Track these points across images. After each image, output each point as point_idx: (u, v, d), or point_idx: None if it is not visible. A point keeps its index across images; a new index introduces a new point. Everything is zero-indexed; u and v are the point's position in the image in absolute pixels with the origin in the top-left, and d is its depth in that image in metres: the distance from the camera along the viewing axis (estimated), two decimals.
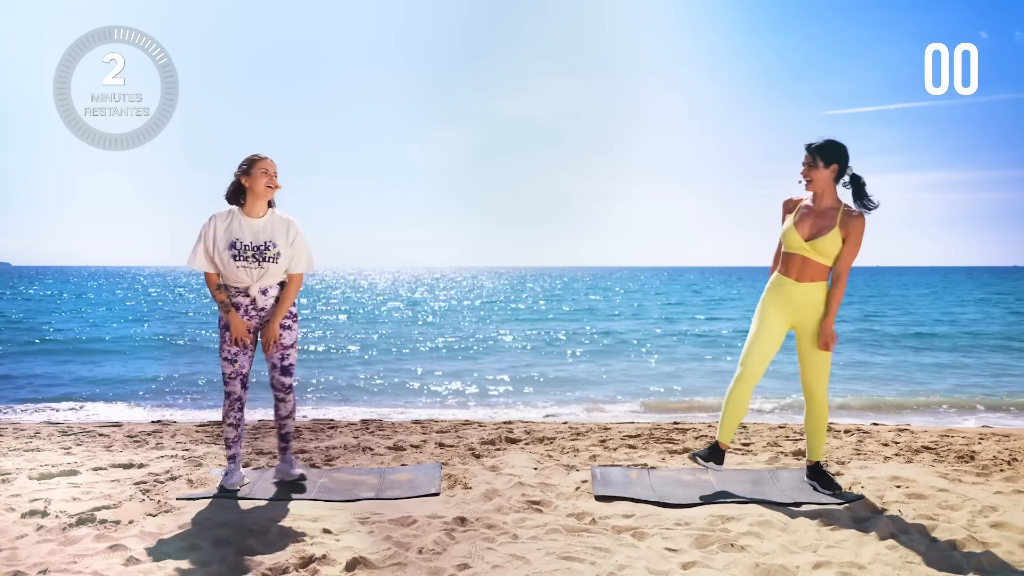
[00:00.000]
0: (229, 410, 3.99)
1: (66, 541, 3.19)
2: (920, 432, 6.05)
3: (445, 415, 8.22)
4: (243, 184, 3.85)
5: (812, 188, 3.81)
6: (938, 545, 3.14)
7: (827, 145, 3.76)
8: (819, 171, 3.76)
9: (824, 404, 3.95)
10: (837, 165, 3.76)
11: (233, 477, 4.00)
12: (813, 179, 3.78)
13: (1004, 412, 8.82)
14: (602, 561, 3.00)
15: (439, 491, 4.01)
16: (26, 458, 4.79)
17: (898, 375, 12.23)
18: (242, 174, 3.85)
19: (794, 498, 3.85)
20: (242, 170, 3.85)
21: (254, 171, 3.83)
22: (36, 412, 8.56)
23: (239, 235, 3.83)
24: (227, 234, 3.84)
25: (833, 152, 3.75)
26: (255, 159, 3.86)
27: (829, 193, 3.81)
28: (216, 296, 3.89)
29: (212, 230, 3.84)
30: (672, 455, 4.94)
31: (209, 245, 3.83)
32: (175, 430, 6.16)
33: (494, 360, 14.37)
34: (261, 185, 3.83)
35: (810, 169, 3.78)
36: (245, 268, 3.82)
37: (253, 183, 3.83)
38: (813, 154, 3.76)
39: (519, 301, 39.27)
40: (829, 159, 3.74)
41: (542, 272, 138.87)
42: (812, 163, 3.77)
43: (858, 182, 3.80)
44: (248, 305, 3.91)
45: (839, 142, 3.77)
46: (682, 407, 9.07)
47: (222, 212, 3.89)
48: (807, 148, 3.79)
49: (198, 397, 9.91)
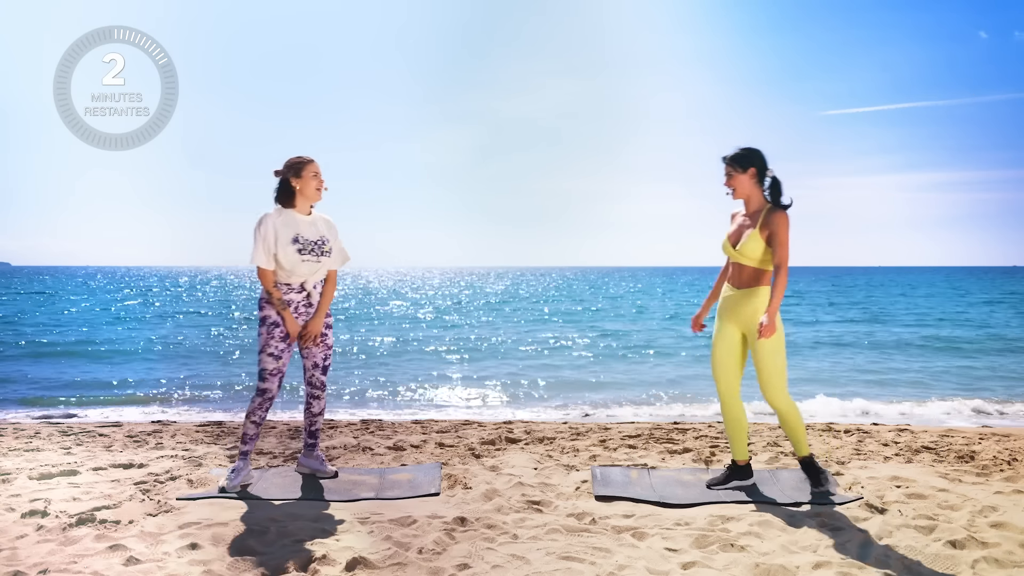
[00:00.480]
0: (258, 408, 4.00)
1: (66, 541, 3.19)
2: (920, 432, 6.06)
3: (445, 415, 8.23)
4: (292, 185, 3.94)
5: (738, 196, 3.91)
6: (938, 545, 3.13)
7: (741, 152, 3.86)
8: (738, 178, 3.86)
9: (789, 406, 3.87)
10: (754, 168, 3.84)
11: (241, 475, 4.01)
12: (735, 187, 3.88)
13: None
14: (602, 561, 3.00)
15: (439, 491, 4.01)
16: (26, 458, 4.79)
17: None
18: (293, 176, 3.92)
19: (794, 498, 3.85)
20: (292, 172, 3.93)
21: (305, 173, 3.92)
22: (36, 411, 8.56)
23: (299, 231, 3.94)
24: (288, 230, 3.91)
25: (748, 157, 3.85)
26: (305, 162, 3.94)
27: (755, 197, 3.88)
28: (273, 293, 3.92)
29: (272, 228, 3.89)
30: (672, 455, 4.94)
31: (271, 242, 3.88)
32: (175, 430, 6.15)
33: (494, 360, 14.37)
34: (312, 188, 3.95)
35: (729, 178, 3.88)
36: (307, 262, 3.95)
37: (304, 185, 3.93)
38: (730, 163, 3.88)
39: (519, 301, 39.28)
40: (745, 164, 3.84)
41: (541, 272, 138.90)
42: (730, 172, 3.87)
43: (776, 184, 3.87)
44: (300, 302, 4.01)
45: (753, 148, 3.86)
46: (682, 407, 9.07)
47: (273, 211, 3.96)
48: (723, 160, 3.91)
49: (198, 397, 9.91)
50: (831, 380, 11.37)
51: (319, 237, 4.01)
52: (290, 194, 3.96)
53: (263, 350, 3.96)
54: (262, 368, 3.98)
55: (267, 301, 3.95)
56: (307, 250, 3.95)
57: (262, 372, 3.98)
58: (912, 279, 78.71)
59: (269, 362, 3.96)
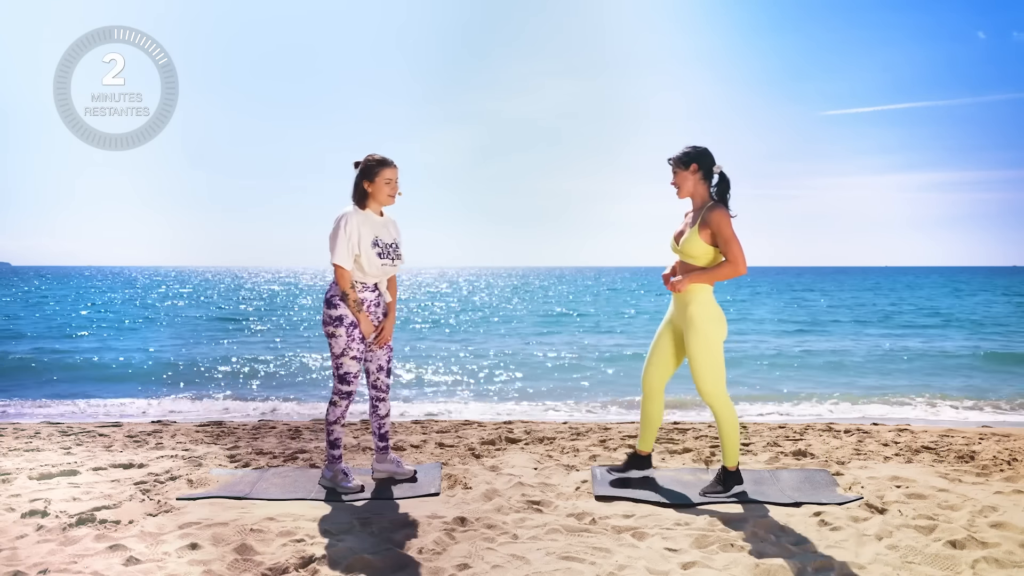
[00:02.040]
0: (343, 412, 3.97)
1: (66, 541, 3.19)
2: (920, 432, 6.06)
3: (445, 415, 8.22)
4: (365, 188, 3.89)
5: (682, 195, 3.92)
6: (938, 545, 3.13)
7: (685, 151, 3.88)
8: (682, 176, 3.87)
9: (723, 406, 3.84)
10: (697, 164, 3.85)
11: (351, 475, 4.01)
12: (679, 185, 3.89)
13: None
14: (602, 561, 3.00)
15: (439, 491, 4.01)
16: (26, 458, 4.79)
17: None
18: (366, 180, 3.88)
19: (794, 498, 3.85)
20: (365, 175, 3.88)
21: (378, 179, 3.88)
22: (37, 411, 8.56)
23: (377, 233, 3.91)
24: (368, 232, 3.87)
25: (690, 155, 3.86)
26: (380, 167, 3.87)
27: (699, 195, 3.89)
28: (350, 294, 3.85)
29: (356, 228, 3.84)
30: (672, 455, 4.95)
31: (355, 243, 3.83)
32: (175, 430, 6.15)
33: (495, 360, 14.37)
34: (384, 194, 3.91)
35: (674, 176, 3.90)
36: (385, 266, 3.92)
37: (376, 191, 3.89)
38: (673, 163, 3.89)
39: (520, 301, 39.28)
40: (688, 162, 3.85)
41: (543, 272, 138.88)
42: (674, 170, 3.89)
43: (724, 180, 3.87)
44: (372, 301, 3.97)
45: (698, 146, 3.88)
46: (682, 406, 9.07)
47: (352, 211, 3.89)
48: (668, 161, 3.92)
49: (198, 397, 9.91)
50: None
51: (392, 240, 3.98)
52: (363, 196, 3.90)
53: (344, 353, 3.86)
54: (345, 372, 3.89)
55: (341, 300, 3.85)
56: (385, 254, 3.91)
57: (346, 376, 3.89)
58: (912, 279, 78.67)
59: (353, 365, 3.90)
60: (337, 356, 3.88)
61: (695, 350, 3.79)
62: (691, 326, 3.80)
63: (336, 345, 3.86)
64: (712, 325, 3.79)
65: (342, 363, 3.88)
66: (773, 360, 14.11)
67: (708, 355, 3.77)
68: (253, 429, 6.19)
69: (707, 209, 3.78)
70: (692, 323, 3.80)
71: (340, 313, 3.85)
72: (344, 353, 3.86)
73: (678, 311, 3.92)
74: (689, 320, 3.81)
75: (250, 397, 9.95)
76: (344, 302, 3.85)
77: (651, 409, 4.07)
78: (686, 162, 3.84)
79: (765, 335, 19.35)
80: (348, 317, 3.85)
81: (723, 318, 3.86)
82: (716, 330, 3.80)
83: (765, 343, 17.30)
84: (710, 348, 3.77)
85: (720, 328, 3.82)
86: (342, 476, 3.99)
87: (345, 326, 3.84)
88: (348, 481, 3.98)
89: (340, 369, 3.89)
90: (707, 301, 3.82)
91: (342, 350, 3.86)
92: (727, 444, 3.89)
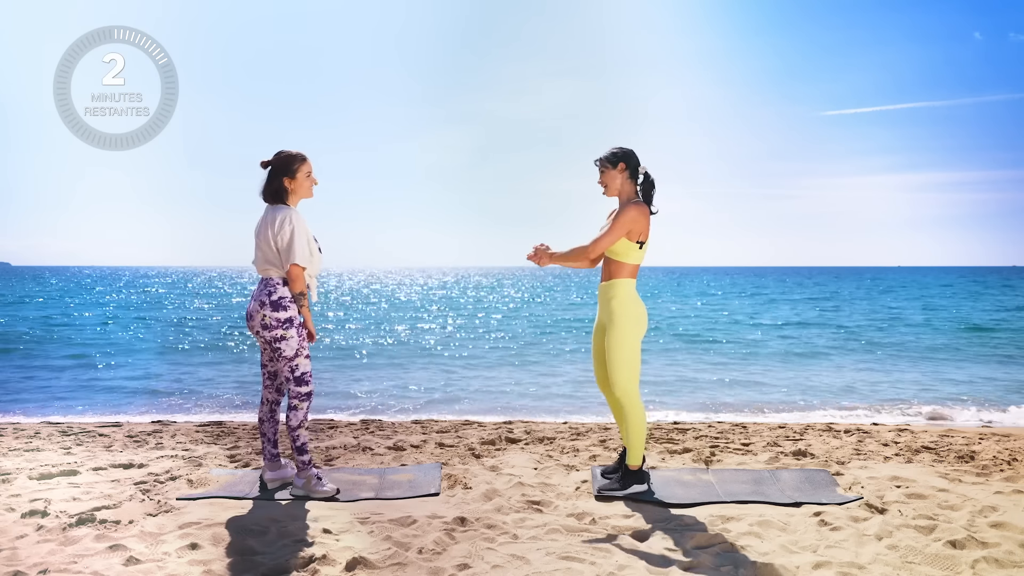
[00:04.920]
0: (307, 412, 3.93)
1: (66, 541, 3.19)
2: (920, 432, 6.06)
3: (445, 415, 8.22)
4: (285, 186, 3.84)
5: (609, 193, 3.96)
6: (938, 545, 3.14)
7: (611, 152, 3.93)
8: (608, 174, 3.92)
9: (634, 404, 3.85)
10: (624, 163, 3.90)
11: (325, 479, 4.00)
12: (606, 184, 3.94)
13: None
14: (602, 561, 3.00)
15: (439, 491, 4.01)
16: (26, 458, 4.79)
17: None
18: (286, 177, 3.82)
19: (794, 498, 3.85)
20: (285, 173, 3.82)
21: (299, 175, 3.84)
22: (36, 411, 8.56)
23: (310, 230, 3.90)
24: (308, 229, 3.87)
25: (616, 155, 3.91)
26: (298, 160, 3.83)
27: (625, 193, 3.94)
28: (303, 292, 3.82)
29: (307, 227, 3.84)
30: (672, 455, 4.95)
31: (310, 239, 3.84)
32: (175, 430, 6.15)
33: (495, 360, 14.37)
34: (307, 187, 3.89)
35: (601, 175, 3.94)
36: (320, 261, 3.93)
37: (298, 186, 3.86)
38: (601, 163, 3.94)
39: (521, 302, 39.29)
40: (615, 161, 3.91)
41: (543, 272, 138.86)
42: (601, 169, 3.94)
43: (648, 180, 3.93)
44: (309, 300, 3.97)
45: (625, 147, 3.94)
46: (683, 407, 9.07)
47: (294, 210, 3.83)
48: (595, 162, 3.96)
49: (198, 397, 9.91)
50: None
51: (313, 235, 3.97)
52: (283, 193, 3.83)
53: (299, 354, 3.83)
54: (303, 372, 3.86)
55: (290, 301, 3.81)
56: (320, 250, 3.94)
57: (303, 376, 3.87)
58: (910, 280, 78.67)
59: (308, 364, 3.90)
60: (291, 359, 3.82)
61: (613, 344, 3.83)
62: (611, 321, 3.85)
63: (288, 348, 3.80)
64: (631, 321, 3.84)
65: (298, 364, 3.84)
66: (769, 365, 14.10)
67: (625, 350, 3.82)
68: (253, 429, 6.19)
69: (627, 203, 3.86)
70: (612, 317, 3.85)
71: (289, 315, 3.81)
72: (298, 354, 3.84)
73: (601, 306, 3.97)
74: (610, 314, 3.86)
75: (252, 397, 9.95)
76: (297, 302, 3.83)
77: (610, 401, 4.08)
78: (614, 161, 3.90)
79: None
80: (296, 318, 3.84)
81: (644, 315, 3.90)
82: (635, 327, 3.85)
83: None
84: (628, 343, 3.82)
85: (640, 325, 3.87)
86: (315, 481, 3.93)
87: (295, 327, 3.83)
88: (322, 485, 3.93)
89: (297, 371, 3.84)
90: (628, 297, 3.86)
91: (295, 351, 3.82)
92: (633, 442, 3.91)
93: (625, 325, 3.82)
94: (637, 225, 3.80)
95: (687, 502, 3.80)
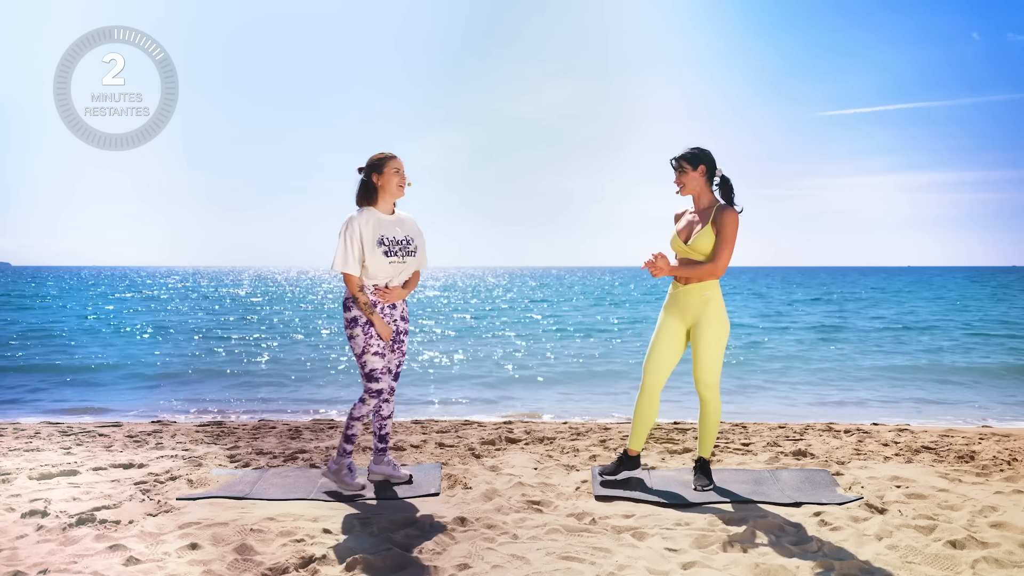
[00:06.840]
0: (370, 409, 3.95)
1: (66, 541, 3.19)
2: (920, 432, 6.06)
3: (445, 415, 8.22)
4: (374, 182, 3.88)
5: (686, 192, 3.98)
6: (938, 545, 3.13)
7: (691, 152, 3.94)
8: (688, 175, 3.93)
9: (717, 402, 4.01)
10: (704, 166, 3.93)
11: (355, 473, 4.02)
12: (685, 184, 3.96)
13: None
14: (602, 561, 3.00)
15: (439, 491, 4.01)
16: (26, 458, 4.79)
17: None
18: (374, 173, 3.87)
19: (794, 498, 3.85)
20: (374, 169, 3.87)
21: (387, 170, 3.86)
22: (36, 412, 8.56)
23: (384, 231, 3.87)
24: (374, 232, 3.84)
25: (697, 156, 3.93)
26: (387, 157, 3.88)
27: (704, 195, 3.97)
28: (360, 298, 3.83)
29: (358, 231, 3.82)
30: (672, 455, 4.95)
31: (358, 247, 3.82)
32: (175, 430, 6.15)
33: (495, 359, 14.37)
34: (394, 184, 3.88)
35: (680, 176, 3.95)
36: (393, 264, 3.89)
37: (386, 182, 3.87)
38: (679, 162, 3.95)
39: (520, 301, 39.30)
40: (695, 163, 3.92)
41: (543, 272, 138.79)
42: (680, 170, 3.94)
43: (727, 183, 3.96)
44: (386, 304, 3.95)
45: (703, 147, 3.95)
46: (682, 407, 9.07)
47: (357, 214, 3.87)
48: (671, 161, 3.97)
49: (197, 397, 9.91)
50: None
51: (404, 236, 3.92)
52: (372, 192, 3.87)
53: (365, 351, 3.86)
54: (371, 369, 3.88)
55: (353, 302, 3.85)
56: (392, 251, 3.87)
57: (372, 373, 3.88)
58: (910, 280, 78.59)
59: (377, 361, 3.89)
60: (359, 356, 3.89)
61: (709, 343, 3.90)
62: (710, 320, 3.91)
63: (356, 345, 3.88)
64: (726, 322, 3.96)
65: (365, 361, 3.89)
66: (775, 365, 14.10)
67: (719, 350, 3.93)
68: (253, 429, 6.19)
69: (719, 208, 3.88)
70: (711, 318, 3.91)
71: (354, 315, 3.86)
72: (365, 351, 3.87)
73: (692, 304, 3.95)
74: (709, 314, 3.91)
75: (250, 397, 9.95)
76: (356, 305, 3.86)
77: (648, 406, 4.07)
78: (694, 163, 3.92)
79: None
80: (362, 317, 3.86)
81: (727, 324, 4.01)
82: (727, 327, 3.97)
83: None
84: (721, 343, 3.93)
85: (728, 326, 3.99)
86: (346, 472, 3.99)
87: (360, 326, 3.85)
88: (351, 477, 3.98)
89: (365, 368, 3.90)
90: (721, 299, 3.96)
91: (362, 348, 3.87)
92: (710, 435, 4.05)
93: (721, 326, 3.93)
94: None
95: (687, 502, 3.80)
